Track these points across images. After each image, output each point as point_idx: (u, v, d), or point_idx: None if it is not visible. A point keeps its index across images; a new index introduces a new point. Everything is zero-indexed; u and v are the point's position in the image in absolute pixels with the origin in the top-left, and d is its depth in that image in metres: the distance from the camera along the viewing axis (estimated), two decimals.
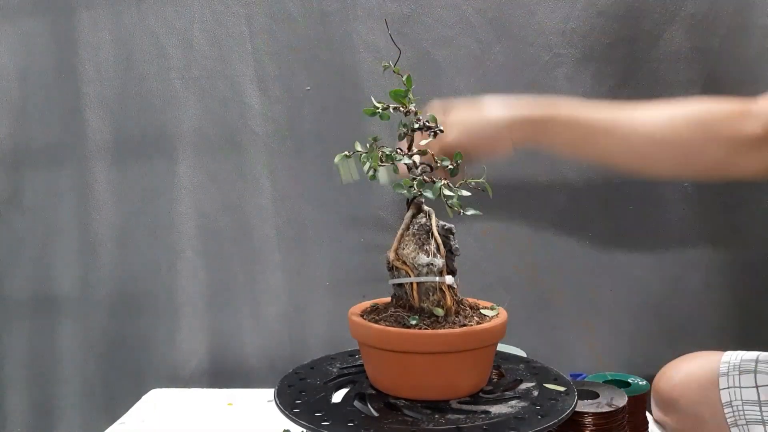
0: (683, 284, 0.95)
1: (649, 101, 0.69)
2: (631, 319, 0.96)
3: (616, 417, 0.63)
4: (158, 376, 1.01)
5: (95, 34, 1.00)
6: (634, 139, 0.69)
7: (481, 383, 0.58)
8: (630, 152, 0.69)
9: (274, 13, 0.98)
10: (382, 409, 0.55)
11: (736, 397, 0.72)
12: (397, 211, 0.97)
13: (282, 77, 0.98)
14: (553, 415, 0.53)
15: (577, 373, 0.87)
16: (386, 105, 0.60)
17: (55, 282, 1.03)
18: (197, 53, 0.99)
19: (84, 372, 1.03)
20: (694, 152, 0.67)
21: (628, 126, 0.70)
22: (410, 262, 0.57)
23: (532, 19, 0.93)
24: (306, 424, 0.51)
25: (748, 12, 0.90)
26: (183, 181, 1.00)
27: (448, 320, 0.56)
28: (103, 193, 1.01)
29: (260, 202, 1.00)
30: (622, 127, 0.70)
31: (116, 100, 1.00)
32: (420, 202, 0.59)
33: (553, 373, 0.63)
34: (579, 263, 0.96)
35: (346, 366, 0.66)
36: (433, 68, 0.95)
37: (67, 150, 1.02)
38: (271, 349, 1.00)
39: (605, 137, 0.69)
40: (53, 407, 1.04)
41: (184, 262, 1.01)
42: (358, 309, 0.61)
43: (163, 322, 1.01)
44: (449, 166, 0.59)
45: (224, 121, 0.99)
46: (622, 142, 0.69)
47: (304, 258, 1.00)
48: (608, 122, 0.70)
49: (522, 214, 0.96)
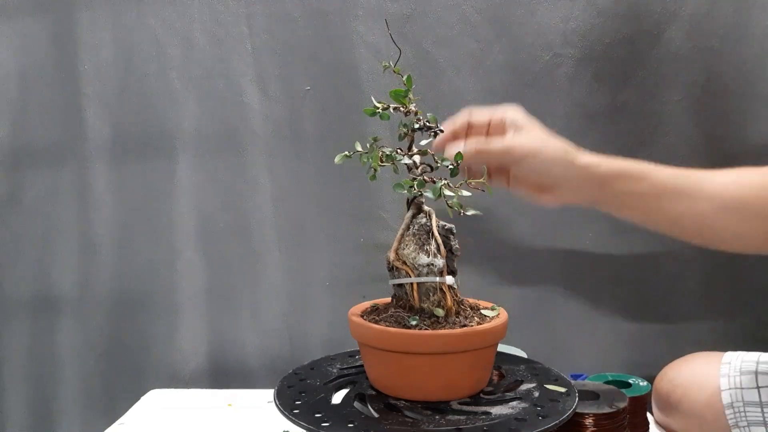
0: (683, 284, 0.94)
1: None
2: (631, 319, 0.96)
3: (616, 418, 0.63)
4: (158, 376, 1.01)
5: (95, 34, 0.99)
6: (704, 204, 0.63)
7: (481, 384, 0.58)
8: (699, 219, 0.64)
9: (273, 12, 0.97)
10: (382, 410, 0.55)
11: (737, 399, 0.72)
12: (398, 210, 0.97)
13: (282, 77, 0.98)
14: (554, 416, 0.53)
15: (577, 373, 0.87)
16: (386, 105, 0.60)
17: (55, 282, 1.03)
18: (197, 53, 0.99)
19: (84, 372, 1.03)
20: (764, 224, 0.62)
21: (696, 188, 0.64)
22: (410, 263, 0.56)
23: (532, 19, 0.93)
24: (306, 425, 0.51)
25: (748, 12, 0.90)
26: (182, 180, 1.00)
27: (448, 321, 0.56)
28: (103, 192, 1.01)
29: (260, 202, 1.00)
30: (691, 189, 0.64)
31: (116, 99, 1.00)
32: (420, 202, 0.59)
33: (553, 373, 0.63)
34: (579, 263, 0.96)
35: (346, 367, 0.65)
36: (433, 68, 0.95)
37: (66, 150, 1.02)
38: (271, 350, 1.00)
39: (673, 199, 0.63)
40: (53, 407, 1.04)
41: (183, 261, 1.01)
42: (358, 309, 0.61)
43: (163, 322, 1.01)
44: (449, 166, 0.59)
45: (224, 121, 0.99)
46: (692, 206, 0.63)
47: (304, 258, 1.00)
48: (678, 182, 0.64)
49: (521, 213, 0.96)
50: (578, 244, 0.96)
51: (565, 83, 0.93)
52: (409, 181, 0.57)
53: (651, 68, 0.92)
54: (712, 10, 0.90)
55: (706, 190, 0.64)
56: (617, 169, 0.65)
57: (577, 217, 0.95)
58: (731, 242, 0.67)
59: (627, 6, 0.91)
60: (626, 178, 0.64)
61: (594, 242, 0.96)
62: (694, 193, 0.64)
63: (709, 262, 0.94)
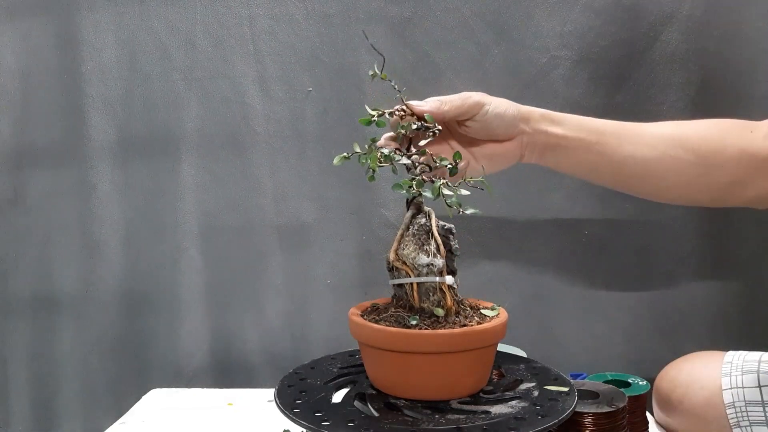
0: (683, 284, 0.95)
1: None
2: (631, 319, 0.96)
3: (616, 417, 0.63)
4: (160, 375, 1.01)
5: (98, 35, 1.00)
6: (645, 151, 0.65)
7: (481, 383, 0.59)
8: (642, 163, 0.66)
9: (276, 14, 0.98)
10: (382, 409, 0.55)
11: (738, 398, 0.72)
12: (399, 210, 0.98)
13: (284, 78, 0.99)
14: (553, 415, 0.53)
15: (577, 373, 0.87)
16: (382, 111, 0.60)
17: (58, 281, 1.04)
18: (200, 54, 0.99)
19: (86, 371, 1.04)
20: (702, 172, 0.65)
21: (637, 134, 0.66)
22: (410, 263, 0.57)
23: (530, 22, 0.94)
24: (306, 424, 0.52)
25: (743, 14, 0.90)
26: (186, 180, 1.01)
27: (448, 320, 0.56)
28: (106, 192, 1.02)
29: (262, 202, 1.00)
30: (633, 135, 0.66)
31: (119, 100, 1.01)
32: (420, 202, 0.59)
33: (553, 373, 0.63)
34: (579, 263, 0.96)
35: (347, 366, 0.66)
36: (432, 70, 0.95)
37: (70, 150, 1.02)
38: (272, 348, 1.01)
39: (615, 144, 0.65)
40: (55, 405, 1.05)
41: (186, 261, 1.01)
42: (359, 309, 0.61)
43: (165, 321, 1.02)
44: (449, 165, 0.59)
45: (227, 122, 1.00)
46: (634, 151, 0.65)
47: (306, 257, 1.00)
48: (617, 128, 0.67)
49: (520, 213, 0.96)
50: (577, 244, 0.96)
51: (561, 85, 0.94)
52: (408, 182, 0.57)
53: (647, 70, 0.92)
54: (707, 13, 0.90)
55: (647, 137, 0.66)
56: (555, 115, 0.67)
57: (576, 217, 0.96)
58: (674, 192, 0.69)
59: (624, 9, 0.92)
60: (565, 124, 0.66)
61: (593, 242, 0.96)
62: (634, 138, 0.66)
63: (709, 262, 0.94)
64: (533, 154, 0.68)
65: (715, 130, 0.67)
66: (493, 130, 0.65)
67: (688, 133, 0.67)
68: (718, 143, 0.65)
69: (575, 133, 0.66)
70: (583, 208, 0.95)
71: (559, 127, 0.66)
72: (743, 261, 0.93)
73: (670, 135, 0.67)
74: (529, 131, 0.66)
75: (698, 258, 0.94)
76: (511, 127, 0.65)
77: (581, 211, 0.95)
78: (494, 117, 0.64)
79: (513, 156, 0.67)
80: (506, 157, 0.67)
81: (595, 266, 0.96)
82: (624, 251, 0.95)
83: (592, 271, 0.96)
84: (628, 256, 0.95)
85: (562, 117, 0.67)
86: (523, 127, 0.66)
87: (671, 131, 0.67)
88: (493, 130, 0.65)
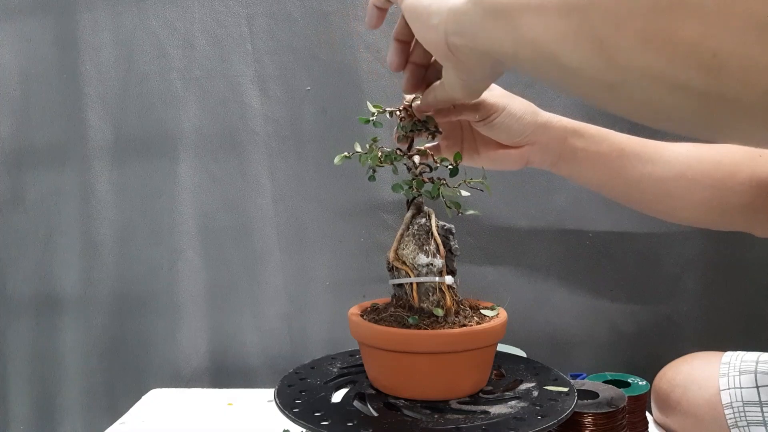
0: (683, 284, 0.94)
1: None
2: (631, 319, 0.96)
3: (615, 417, 0.63)
4: (159, 376, 1.01)
5: (96, 35, 1.00)
6: (664, 170, 0.63)
7: (480, 383, 0.58)
8: (658, 184, 0.64)
9: (274, 13, 0.98)
10: (382, 409, 0.55)
11: (736, 398, 0.72)
12: (398, 211, 0.97)
13: (282, 77, 0.98)
14: (553, 415, 0.53)
15: (577, 373, 0.87)
16: (383, 109, 0.60)
17: (57, 281, 1.04)
18: (198, 53, 0.99)
19: (86, 371, 1.03)
20: (715, 195, 0.63)
21: (656, 152, 0.65)
22: (410, 263, 0.57)
23: None
24: (305, 424, 0.52)
25: None
26: (184, 180, 1.01)
27: (447, 320, 0.56)
28: (105, 193, 1.02)
29: (260, 202, 1.00)
30: (652, 153, 0.64)
31: (117, 100, 1.01)
32: (420, 202, 0.59)
33: (553, 373, 0.63)
34: (579, 262, 0.96)
35: (347, 366, 0.66)
36: None
37: (68, 150, 1.02)
38: (271, 349, 1.01)
39: (633, 162, 0.63)
40: (55, 406, 1.05)
41: (184, 261, 1.01)
42: (358, 309, 0.61)
43: (164, 322, 1.02)
44: (449, 166, 0.59)
45: (225, 121, 1.00)
46: (652, 171, 0.64)
47: (305, 257, 1.00)
48: (637, 146, 0.65)
49: (522, 214, 0.96)
50: (578, 244, 0.96)
51: None
52: (408, 182, 0.57)
53: None
54: None
55: (666, 156, 0.65)
56: (577, 125, 0.65)
57: (577, 217, 0.96)
58: (687, 213, 0.68)
59: None
60: (586, 137, 0.65)
61: (594, 242, 0.96)
62: (654, 157, 0.65)
63: (709, 262, 0.94)
64: (545, 162, 0.66)
65: (729, 154, 0.65)
66: (497, 136, 0.64)
67: (704, 155, 0.65)
68: (732, 166, 0.64)
69: (596, 147, 0.65)
70: (586, 210, 0.95)
71: (581, 139, 0.65)
72: (744, 262, 0.93)
73: (686, 155, 0.65)
74: (544, 141, 0.64)
75: (699, 259, 0.94)
76: (520, 136, 0.63)
77: (584, 213, 0.95)
78: (503, 126, 0.62)
79: (517, 162, 0.66)
80: (510, 162, 0.66)
81: (597, 268, 0.96)
82: (626, 253, 0.95)
83: (594, 272, 0.96)
84: (630, 257, 0.95)
85: (585, 129, 0.65)
86: (538, 137, 0.64)
87: (687, 152, 0.65)
88: (497, 137, 0.64)
